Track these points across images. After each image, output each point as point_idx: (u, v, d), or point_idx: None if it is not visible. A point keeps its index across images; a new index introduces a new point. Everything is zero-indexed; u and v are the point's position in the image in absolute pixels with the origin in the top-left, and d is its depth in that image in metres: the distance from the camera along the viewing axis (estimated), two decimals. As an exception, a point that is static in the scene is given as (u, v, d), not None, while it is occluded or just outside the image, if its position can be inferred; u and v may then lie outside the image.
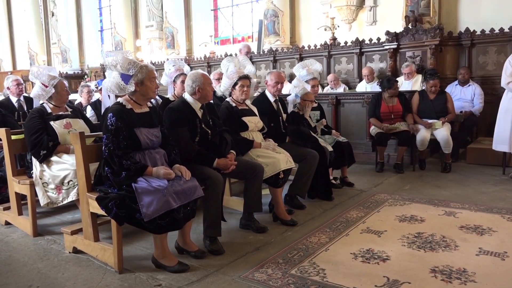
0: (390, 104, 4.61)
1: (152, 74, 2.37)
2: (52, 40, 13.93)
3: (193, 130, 2.67)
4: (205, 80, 2.70)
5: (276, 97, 3.54)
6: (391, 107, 4.60)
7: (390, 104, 4.61)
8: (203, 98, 2.72)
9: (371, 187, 4.03)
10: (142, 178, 2.19)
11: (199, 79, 2.69)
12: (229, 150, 2.76)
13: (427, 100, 4.65)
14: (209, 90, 2.72)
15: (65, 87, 3.01)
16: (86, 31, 13.47)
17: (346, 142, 4.00)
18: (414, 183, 4.13)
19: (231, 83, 3.08)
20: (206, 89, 2.70)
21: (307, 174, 3.32)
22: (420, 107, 4.67)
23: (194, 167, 2.51)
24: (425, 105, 4.63)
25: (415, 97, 4.73)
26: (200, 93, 2.70)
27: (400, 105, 4.62)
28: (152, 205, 2.07)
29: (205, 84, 2.70)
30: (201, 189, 2.33)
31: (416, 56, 5.98)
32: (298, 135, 3.50)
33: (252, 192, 2.85)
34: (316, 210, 3.33)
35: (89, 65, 12.77)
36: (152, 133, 2.37)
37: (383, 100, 4.64)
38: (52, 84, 2.96)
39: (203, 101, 2.76)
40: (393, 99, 4.63)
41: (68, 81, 4.74)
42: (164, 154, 2.43)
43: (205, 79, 2.70)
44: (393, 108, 4.60)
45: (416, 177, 4.37)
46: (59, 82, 2.99)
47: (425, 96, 4.68)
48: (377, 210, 3.26)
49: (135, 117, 2.32)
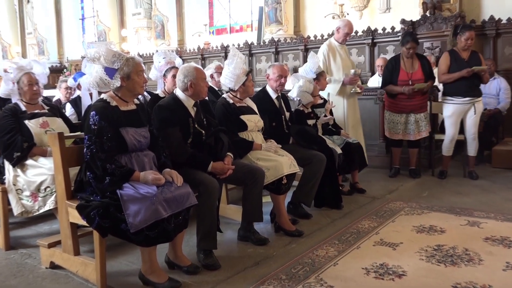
0: (410, 71, 4.38)
1: (139, 67, 2.36)
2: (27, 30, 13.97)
3: (185, 130, 2.66)
4: (199, 74, 2.70)
5: (278, 93, 3.54)
6: (410, 74, 4.36)
7: (410, 70, 4.38)
8: (196, 94, 2.72)
9: (385, 194, 4.02)
10: (129, 184, 2.18)
11: (191, 73, 2.68)
12: (225, 153, 2.76)
13: (460, 61, 4.26)
14: (203, 85, 2.72)
15: (29, 81, 2.97)
16: (66, 20, 13.50)
17: (357, 143, 3.99)
18: (433, 189, 4.13)
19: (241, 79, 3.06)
20: (200, 84, 2.70)
21: (313, 180, 3.32)
22: (451, 68, 4.28)
23: (187, 171, 2.50)
24: (458, 66, 4.24)
25: (444, 57, 4.37)
26: (192, 89, 2.69)
27: (422, 72, 4.37)
28: (139, 214, 2.06)
29: (199, 79, 2.69)
30: (194, 196, 2.32)
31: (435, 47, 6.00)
32: (303, 136, 3.50)
33: (252, 200, 2.85)
34: (323, 219, 3.32)
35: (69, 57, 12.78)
36: (140, 134, 2.37)
37: (401, 66, 4.46)
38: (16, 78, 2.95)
39: (197, 98, 2.76)
40: (414, 64, 4.38)
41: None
42: (153, 157, 2.43)
43: (198, 73, 2.70)
44: (413, 76, 4.36)
45: (435, 183, 4.36)
46: (23, 76, 2.98)
47: (457, 56, 4.28)
48: (392, 219, 3.26)
49: (120, 115, 2.32)
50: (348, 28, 4.32)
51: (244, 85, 3.10)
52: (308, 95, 3.71)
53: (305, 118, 3.74)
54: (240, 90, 3.12)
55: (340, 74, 4.31)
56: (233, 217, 3.34)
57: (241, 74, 3.05)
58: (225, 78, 3.14)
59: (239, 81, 3.07)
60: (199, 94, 2.73)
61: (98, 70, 2.33)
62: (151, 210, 2.07)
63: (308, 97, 3.71)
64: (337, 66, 4.34)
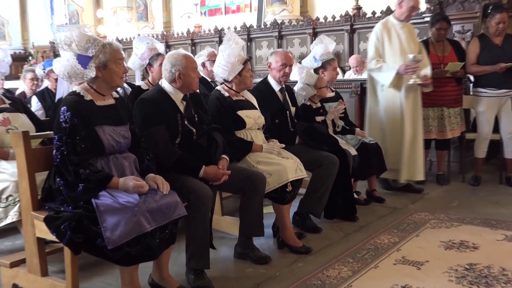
0: (440, 54, 4.42)
1: (118, 54, 2.36)
2: (-16, 11, 13.95)
3: (173, 129, 2.66)
4: (188, 63, 2.70)
5: (282, 85, 3.54)
6: (441, 57, 4.39)
7: (441, 54, 4.42)
8: (186, 87, 2.73)
9: (408, 203, 4.02)
10: (106, 192, 2.18)
11: (179, 62, 2.69)
12: (220, 155, 2.76)
13: (493, 47, 4.29)
14: (193, 76, 2.72)
15: None
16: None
17: (375, 143, 4.00)
18: (464, 198, 4.13)
19: (236, 68, 3.06)
20: (190, 75, 2.70)
21: (323, 187, 3.33)
22: (482, 57, 4.32)
23: (175, 177, 2.50)
24: (490, 54, 4.28)
25: (473, 44, 4.43)
26: (181, 80, 2.70)
27: (455, 56, 4.41)
28: (118, 227, 2.06)
29: (188, 68, 2.70)
30: (183, 206, 2.32)
31: (466, 31, 6.00)
32: (312, 135, 3.51)
33: (251, 211, 2.85)
34: (335, 234, 3.32)
35: (35, 43, 12.79)
36: (119, 133, 2.37)
37: (431, 49, 4.41)
38: None
39: (186, 91, 2.76)
40: (446, 48, 4.43)
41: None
42: (134, 160, 2.43)
43: (188, 62, 2.70)
44: (446, 59, 4.38)
45: (467, 191, 4.37)
46: None
47: (488, 42, 4.33)
48: (416, 234, 3.26)
49: (96, 111, 2.32)
50: (414, 1, 4.04)
51: (241, 75, 3.10)
52: (309, 88, 3.71)
53: (313, 114, 3.75)
54: (236, 81, 3.12)
55: (397, 60, 4.06)
56: (229, 231, 3.34)
57: (236, 62, 3.06)
58: (218, 66, 3.14)
59: (234, 71, 3.08)
60: (189, 86, 2.73)
61: (70, 58, 2.33)
62: (132, 223, 2.07)
63: (310, 91, 3.72)
64: (393, 50, 4.11)
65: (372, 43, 4.15)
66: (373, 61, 4.16)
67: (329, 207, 3.47)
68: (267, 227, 3.09)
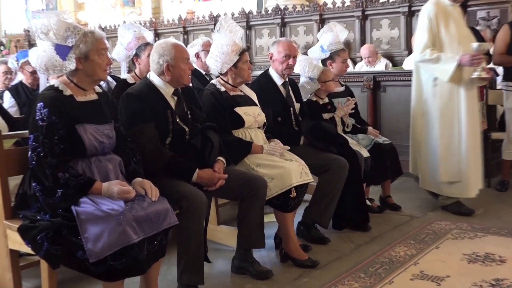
0: None
1: (101, 44, 2.37)
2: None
3: (162, 127, 2.67)
4: (178, 53, 2.70)
5: (285, 79, 3.54)
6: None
7: None
8: (176, 80, 2.73)
9: (427, 211, 4.02)
10: (87, 198, 2.19)
11: (168, 52, 2.69)
12: (216, 157, 2.76)
13: None
14: (184, 68, 2.72)
15: None
16: (3, -19, 13.49)
17: (389, 144, 4.00)
18: (489, 205, 4.13)
19: (231, 60, 3.06)
20: (180, 67, 2.70)
21: (331, 193, 3.33)
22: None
23: (165, 182, 2.50)
24: None
25: (503, 32, 4.40)
26: (170, 72, 2.70)
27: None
28: (101, 238, 2.06)
29: (178, 59, 2.70)
30: (174, 214, 2.32)
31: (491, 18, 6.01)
32: (318, 134, 3.51)
33: (250, 219, 2.85)
34: (344, 245, 3.32)
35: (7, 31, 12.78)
36: (102, 132, 2.37)
37: None
38: None
39: (177, 85, 2.76)
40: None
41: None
42: (119, 163, 2.43)
43: (178, 52, 2.70)
44: None
45: (493, 197, 4.37)
46: None
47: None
48: (436, 245, 3.26)
49: (77, 108, 2.32)
50: None
51: (236, 67, 3.10)
52: (312, 82, 3.72)
53: (320, 110, 3.75)
54: (231, 73, 3.12)
55: (454, 50, 3.75)
56: (226, 242, 3.34)
57: (231, 52, 3.05)
58: (210, 57, 3.14)
59: (228, 62, 3.07)
60: (179, 80, 2.74)
61: (47, 49, 2.33)
62: (117, 233, 2.07)
63: (313, 85, 3.72)
64: (450, 36, 3.78)
65: (424, 27, 3.78)
66: (427, 51, 3.77)
67: (338, 215, 3.47)
68: (268, 238, 3.09)
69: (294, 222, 3.17)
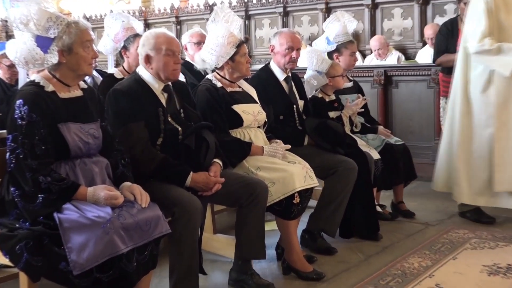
0: None
1: (86, 36, 2.37)
2: None
3: (153, 127, 2.67)
4: (160, 43, 2.69)
5: (288, 73, 3.55)
6: None
7: None
8: (157, 74, 2.73)
9: (443, 218, 4.03)
10: (71, 204, 2.19)
11: (148, 42, 2.70)
12: (211, 159, 2.77)
13: None
14: (166, 61, 2.70)
15: None
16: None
17: (402, 145, 4.01)
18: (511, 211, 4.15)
19: (227, 52, 3.06)
20: (161, 59, 2.69)
21: (338, 198, 3.33)
22: None
23: (156, 186, 2.50)
24: None
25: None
26: (150, 64, 2.72)
27: None
28: (86, 248, 2.06)
29: (159, 49, 2.69)
30: (166, 222, 2.33)
31: None
32: (324, 134, 3.51)
33: (249, 228, 2.85)
34: (353, 256, 3.33)
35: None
36: (88, 132, 2.38)
37: (460, 29, 4.36)
38: None
39: (165, 80, 2.77)
40: None
41: None
42: (106, 166, 2.43)
43: (159, 42, 2.69)
44: None
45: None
46: None
47: None
48: (453, 256, 3.26)
49: (60, 105, 2.32)
50: None
51: (233, 60, 3.10)
52: (320, 76, 3.72)
53: (326, 108, 3.76)
54: (227, 68, 3.13)
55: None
56: (222, 253, 3.34)
57: (228, 45, 3.05)
58: (204, 50, 3.15)
59: (224, 55, 3.07)
60: (160, 74, 2.72)
61: (27, 41, 2.33)
62: (103, 243, 2.07)
63: (320, 80, 3.72)
64: (510, 23, 3.66)
65: (482, 13, 3.64)
66: (485, 40, 3.61)
67: (345, 223, 3.47)
68: (269, 248, 3.09)
69: (298, 231, 3.17)
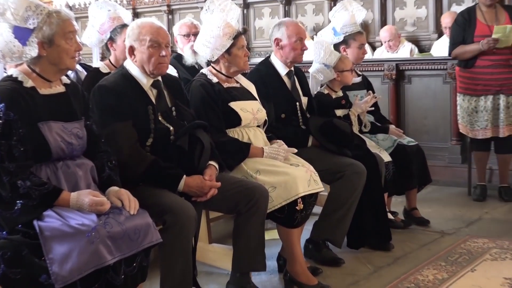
0: (491, 24, 4.46)
1: (68, 26, 2.36)
2: None
3: (143, 126, 2.68)
4: (144, 34, 2.70)
5: (290, 68, 3.55)
6: (492, 28, 4.42)
7: (491, 23, 4.46)
8: (141, 67, 2.74)
9: (461, 226, 4.02)
10: (53, 211, 2.19)
11: (132, 32, 2.72)
12: (206, 161, 2.77)
13: None
14: (150, 53, 2.70)
15: None
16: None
17: (415, 146, 4.01)
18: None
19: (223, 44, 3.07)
20: (144, 51, 2.70)
21: (345, 204, 3.33)
22: None
23: (145, 191, 2.51)
24: None
25: None
26: (134, 56, 2.73)
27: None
28: (69, 259, 2.06)
29: (143, 40, 2.70)
30: (157, 231, 2.32)
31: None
32: (330, 134, 3.51)
33: (248, 237, 2.85)
34: (362, 268, 3.33)
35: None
36: (71, 131, 2.37)
37: (478, 17, 4.48)
38: None
39: (153, 75, 2.77)
40: (499, 16, 4.50)
41: None
42: (91, 169, 2.43)
43: (143, 32, 2.70)
44: None
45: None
46: None
47: None
48: (471, 268, 3.26)
49: (40, 102, 2.32)
50: None
51: (230, 53, 3.10)
52: (327, 70, 3.72)
53: (332, 106, 3.76)
54: (223, 61, 3.13)
55: None
56: (219, 264, 3.34)
57: (224, 36, 3.06)
58: (198, 42, 3.16)
59: (220, 47, 3.08)
60: (147, 67, 2.73)
61: (4, 32, 2.33)
62: (88, 253, 2.07)
63: (328, 74, 3.72)
64: None
65: None
66: None
67: (353, 232, 3.47)
68: (270, 259, 3.09)
69: (301, 240, 3.17)
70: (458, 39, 4.59)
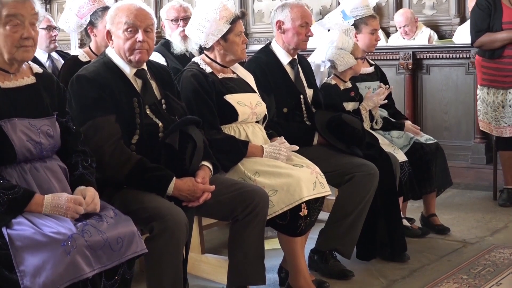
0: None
1: (10, 8, 2.25)
2: None
3: (127, 121, 2.68)
4: (121, 15, 2.71)
5: (293, 56, 3.55)
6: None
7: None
8: (124, 56, 2.74)
9: (485, 235, 4.03)
10: (24, 217, 2.18)
11: (109, 16, 2.75)
12: (199, 161, 2.77)
13: None
14: (129, 38, 2.71)
15: None
16: None
17: (434, 144, 4.01)
18: None
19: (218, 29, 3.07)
20: (124, 35, 2.71)
21: (355, 210, 3.33)
22: None
23: (130, 195, 2.51)
24: None
25: None
26: (113, 42, 2.76)
27: None
28: (43, 271, 2.05)
29: (119, 23, 2.71)
30: (142, 240, 2.32)
31: None
32: (338, 131, 3.51)
33: (246, 246, 2.86)
34: (373, 281, 3.33)
35: None
36: (39, 129, 2.35)
37: (503, 2, 4.50)
38: None
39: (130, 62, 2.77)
40: None
41: None
42: (64, 171, 2.43)
43: (119, 15, 2.72)
44: None
45: None
46: None
47: None
48: (497, 281, 3.26)
49: (1, 97, 2.30)
50: None
51: (226, 39, 3.11)
52: (347, 54, 3.71)
53: (340, 98, 3.76)
54: (219, 48, 3.14)
55: None
56: (213, 277, 3.35)
57: (220, 20, 3.06)
58: (191, 26, 3.17)
59: (215, 32, 3.08)
60: (123, 54, 2.75)
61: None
62: (64, 265, 2.06)
63: (348, 59, 3.71)
64: None
65: None
66: None
67: (364, 241, 3.48)
68: (270, 271, 3.10)
69: (306, 250, 3.18)
70: (483, 26, 4.57)
